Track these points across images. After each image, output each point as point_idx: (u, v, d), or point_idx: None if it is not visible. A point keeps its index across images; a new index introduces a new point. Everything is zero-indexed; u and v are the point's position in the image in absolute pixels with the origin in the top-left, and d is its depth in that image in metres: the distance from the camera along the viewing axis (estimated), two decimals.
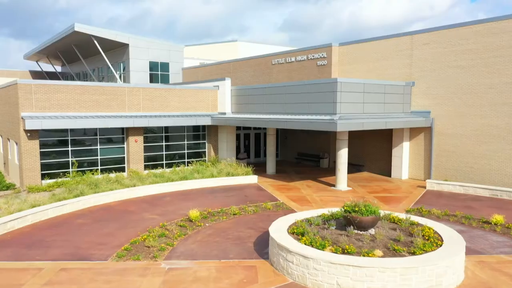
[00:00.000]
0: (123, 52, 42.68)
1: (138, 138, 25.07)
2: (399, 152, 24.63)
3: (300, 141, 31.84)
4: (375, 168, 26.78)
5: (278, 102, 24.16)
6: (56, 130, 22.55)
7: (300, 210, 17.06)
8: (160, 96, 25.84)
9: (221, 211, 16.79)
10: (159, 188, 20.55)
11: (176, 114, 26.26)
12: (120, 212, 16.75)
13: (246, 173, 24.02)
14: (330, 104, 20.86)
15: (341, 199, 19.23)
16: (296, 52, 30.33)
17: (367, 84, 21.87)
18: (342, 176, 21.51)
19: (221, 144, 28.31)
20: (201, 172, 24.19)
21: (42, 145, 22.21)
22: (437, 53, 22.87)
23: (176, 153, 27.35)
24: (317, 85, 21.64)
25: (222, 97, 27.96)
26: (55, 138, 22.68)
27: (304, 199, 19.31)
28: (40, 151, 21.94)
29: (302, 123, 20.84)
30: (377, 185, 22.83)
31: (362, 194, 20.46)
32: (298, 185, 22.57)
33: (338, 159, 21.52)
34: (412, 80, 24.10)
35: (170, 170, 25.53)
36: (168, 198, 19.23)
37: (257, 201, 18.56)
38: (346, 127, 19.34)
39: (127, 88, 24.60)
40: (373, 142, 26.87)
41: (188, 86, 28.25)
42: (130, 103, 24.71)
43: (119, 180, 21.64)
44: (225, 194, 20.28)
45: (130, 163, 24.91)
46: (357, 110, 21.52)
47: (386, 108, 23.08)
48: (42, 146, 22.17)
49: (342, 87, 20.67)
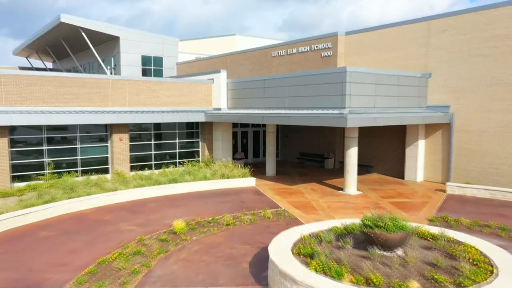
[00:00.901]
0: (113, 45, 40.18)
1: (123, 136, 22.57)
2: (414, 151, 22.12)
3: (303, 139, 29.33)
4: (386, 169, 24.28)
5: (278, 95, 21.67)
6: (29, 127, 20.04)
7: (305, 219, 14.56)
8: (148, 89, 23.34)
9: (212, 220, 14.28)
10: (143, 193, 18.05)
11: (166, 110, 23.76)
12: (93, 222, 14.24)
13: (243, 175, 21.52)
14: (338, 97, 18.37)
15: (351, 206, 16.73)
16: (298, 43, 27.83)
17: (379, 75, 19.37)
18: (352, 178, 19.02)
19: (216, 143, 25.81)
20: (192, 174, 21.69)
21: (13, 143, 19.70)
22: (457, 40, 20.36)
23: (167, 153, 24.85)
24: (323, 75, 19.15)
25: (217, 91, 25.46)
26: (28, 136, 20.16)
27: (309, 205, 16.82)
28: (9, 151, 19.42)
29: (306, 119, 18.35)
30: (390, 188, 20.33)
31: (374, 199, 17.96)
32: (302, 189, 20.08)
33: (346, 160, 19.02)
34: (429, 71, 21.60)
35: (160, 171, 23.02)
36: (153, 205, 16.73)
37: (255, 208, 16.07)
38: (358, 123, 16.84)
39: (111, 80, 22.09)
40: (383, 140, 24.38)
41: (180, 79, 25.78)
42: (114, 97, 22.20)
43: (99, 184, 19.14)
44: (218, 199, 17.78)
45: (115, 164, 22.40)
46: (368, 104, 19.03)
47: (400, 102, 20.58)
48: (12, 145, 19.67)
49: (352, 77, 18.18)
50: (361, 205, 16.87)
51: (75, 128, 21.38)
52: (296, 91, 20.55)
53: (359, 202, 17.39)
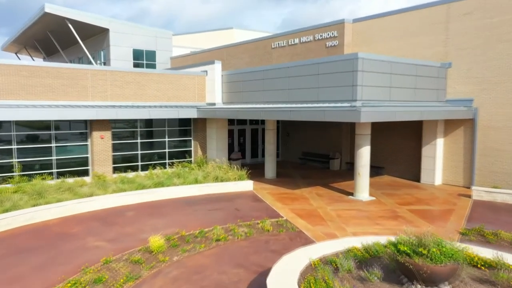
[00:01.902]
0: (103, 39, 37.69)
1: (105, 134, 20.09)
2: (431, 151, 19.65)
3: (306, 138, 26.86)
4: (399, 170, 21.81)
5: (279, 88, 19.20)
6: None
7: (311, 233, 12.09)
8: (133, 82, 20.86)
9: (199, 234, 11.81)
10: (122, 199, 15.58)
11: (153, 105, 21.29)
12: (56, 237, 11.77)
13: (239, 178, 19.05)
14: (348, 88, 15.92)
15: (365, 214, 14.26)
16: (300, 32, 25.36)
17: (395, 63, 16.91)
18: (363, 182, 16.55)
19: (210, 142, 23.34)
20: (182, 176, 19.23)
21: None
22: (482, 25, 17.90)
23: (155, 153, 22.37)
24: (331, 64, 16.69)
25: (211, 85, 23.00)
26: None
27: (315, 214, 14.34)
28: None
29: (312, 113, 15.89)
30: (406, 193, 17.86)
31: (390, 206, 15.50)
32: (306, 194, 17.61)
33: (357, 161, 16.56)
34: (448, 60, 19.13)
35: (147, 173, 20.56)
36: (131, 213, 14.24)
37: (252, 218, 13.59)
38: (372, 117, 14.38)
39: (90, 70, 19.61)
40: (396, 138, 21.91)
41: (170, 71, 23.31)
42: (94, 90, 19.72)
43: (74, 188, 16.66)
44: (209, 206, 15.32)
45: (95, 165, 19.93)
46: (383, 96, 16.57)
47: (417, 95, 18.12)
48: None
49: (365, 65, 15.72)
50: (376, 213, 14.41)
51: (49, 124, 18.91)
52: (300, 82, 18.09)
53: (374, 210, 14.93)
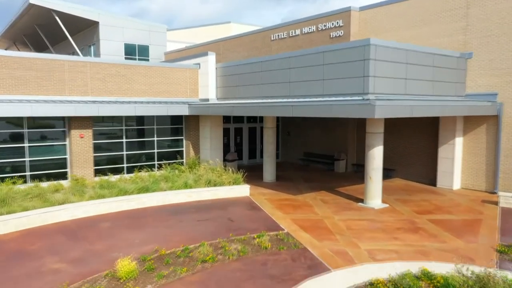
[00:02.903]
0: (93, 32, 35.64)
1: (85, 133, 18.04)
2: (449, 151, 17.59)
3: (308, 137, 24.80)
4: (411, 173, 19.76)
5: (279, 81, 17.15)
6: None
7: (318, 251, 10.03)
8: (117, 75, 18.80)
9: (183, 253, 9.76)
10: (98, 207, 13.52)
11: (139, 100, 19.23)
12: (8, 256, 9.70)
13: (234, 182, 16.99)
14: (358, 80, 13.86)
15: (380, 226, 12.20)
16: (302, 22, 23.30)
17: (411, 52, 14.85)
18: (375, 187, 14.49)
19: (203, 142, 21.29)
20: (171, 180, 17.18)
21: None
22: (508, 8, 15.86)
23: (143, 154, 20.31)
24: (338, 52, 14.62)
25: (204, 79, 20.94)
26: None
27: (321, 225, 12.29)
28: None
29: (316, 108, 13.83)
30: (422, 199, 15.80)
31: (407, 215, 13.44)
32: (309, 200, 15.56)
33: (368, 163, 14.50)
34: (469, 50, 17.09)
35: (132, 176, 18.50)
36: (106, 225, 12.19)
37: (247, 231, 11.53)
38: (388, 113, 12.32)
39: (68, 62, 17.55)
40: (408, 137, 19.85)
41: (159, 63, 21.26)
42: (72, 84, 17.66)
43: (45, 194, 14.59)
44: (198, 216, 13.26)
45: (74, 167, 17.87)
46: (397, 89, 14.52)
47: (435, 88, 16.07)
48: None
49: (378, 53, 13.66)
50: (392, 224, 12.36)
51: (22, 121, 16.86)
52: (302, 74, 16.03)
53: (389, 220, 12.87)
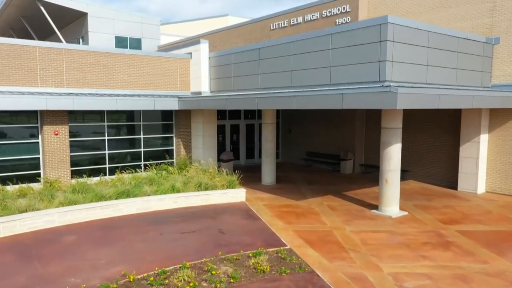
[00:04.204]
0: (81, 25, 33.56)
1: (60, 129, 15.94)
2: (473, 150, 15.49)
3: (311, 134, 22.69)
4: (428, 174, 17.67)
5: (280, 70, 15.06)
6: None
7: (329, 276, 7.91)
8: (97, 64, 16.70)
9: (157, 278, 7.65)
10: (66, 217, 11.40)
11: (122, 93, 17.13)
12: None
13: (228, 185, 14.88)
14: (373, 66, 11.76)
15: (402, 240, 10.09)
16: (304, 9, 21.19)
17: (433, 34, 12.74)
18: (393, 192, 12.38)
19: (195, 140, 19.19)
20: (157, 182, 15.07)
21: None
22: None
23: (128, 153, 18.22)
24: (349, 33, 12.52)
25: (196, 70, 18.84)
26: None
27: (330, 239, 10.18)
28: None
29: (324, 99, 11.73)
30: (444, 205, 13.70)
31: (432, 225, 11.33)
32: (314, 206, 13.46)
33: (384, 163, 12.39)
34: (495, 35, 14.99)
35: (114, 178, 16.39)
36: (71, 239, 10.07)
37: (241, 247, 9.43)
38: (412, 102, 10.21)
39: (39, 48, 15.44)
40: (424, 133, 17.76)
41: (146, 52, 19.14)
42: (45, 73, 15.57)
43: (5, 199, 12.46)
44: (183, 226, 11.16)
45: (47, 168, 15.77)
46: (418, 77, 12.41)
47: (459, 77, 13.97)
48: None
49: (396, 33, 11.56)
50: (416, 238, 10.26)
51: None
52: (306, 61, 13.94)
53: (411, 231, 10.77)
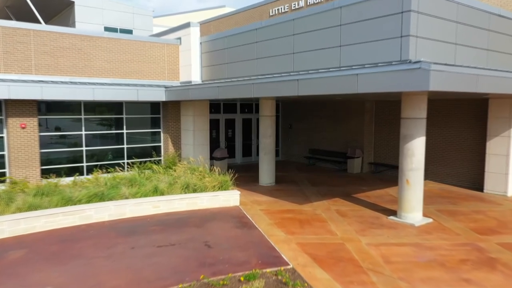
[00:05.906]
0: (68, 15, 31.48)
1: (28, 122, 13.89)
2: (502, 146, 13.46)
3: (314, 130, 20.66)
4: (448, 174, 15.65)
5: (280, 52, 13.05)
6: None
7: None
8: (72, 48, 14.66)
9: None
10: (19, 226, 9.36)
11: (101, 82, 15.09)
12: None
13: (220, 186, 12.85)
14: (393, 42, 9.73)
15: (433, 256, 8.05)
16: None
17: (463, 7, 10.71)
18: (415, 195, 10.35)
19: (185, 135, 17.17)
20: (138, 183, 13.01)
21: None
22: None
23: (109, 150, 16.19)
24: (362, 5, 10.48)
25: (186, 56, 16.82)
26: None
27: (343, 255, 8.14)
28: None
29: (333, 82, 9.69)
30: (473, 210, 11.68)
31: (465, 236, 9.30)
32: (321, 211, 11.43)
33: (404, 161, 10.37)
34: None
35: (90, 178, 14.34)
36: (18, 255, 8.03)
37: (231, 266, 7.39)
38: (447, 83, 8.19)
39: (2, 28, 13.38)
40: (443, 127, 15.74)
41: (129, 35, 17.10)
42: (9, 58, 13.52)
43: None
44: (162, 238, 9.11)
45: (13, 166, 13.73)
46: (445, 57, 10.38)
47: (490, 59, 11.93)
48: None
49: (421, 3, 9.53)
50: (452, 253, 8.22)
51: None
52: (311, 41, 11.91)
53: (442, 244, 8.73)
